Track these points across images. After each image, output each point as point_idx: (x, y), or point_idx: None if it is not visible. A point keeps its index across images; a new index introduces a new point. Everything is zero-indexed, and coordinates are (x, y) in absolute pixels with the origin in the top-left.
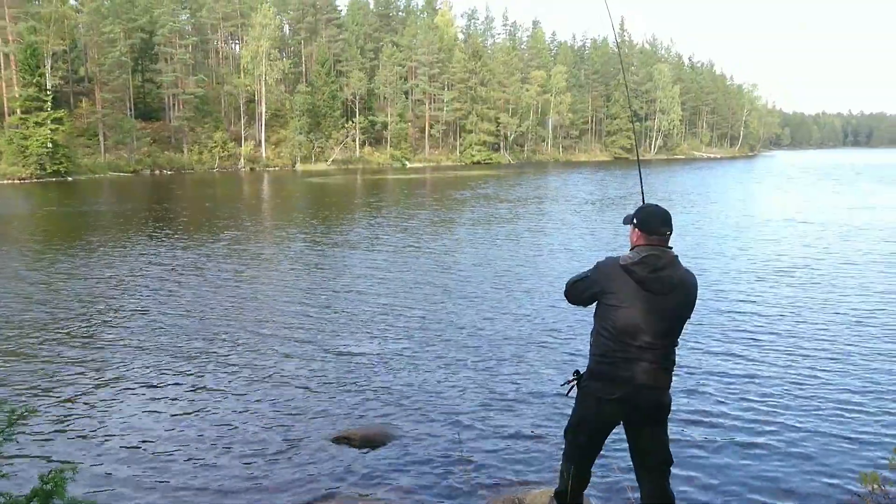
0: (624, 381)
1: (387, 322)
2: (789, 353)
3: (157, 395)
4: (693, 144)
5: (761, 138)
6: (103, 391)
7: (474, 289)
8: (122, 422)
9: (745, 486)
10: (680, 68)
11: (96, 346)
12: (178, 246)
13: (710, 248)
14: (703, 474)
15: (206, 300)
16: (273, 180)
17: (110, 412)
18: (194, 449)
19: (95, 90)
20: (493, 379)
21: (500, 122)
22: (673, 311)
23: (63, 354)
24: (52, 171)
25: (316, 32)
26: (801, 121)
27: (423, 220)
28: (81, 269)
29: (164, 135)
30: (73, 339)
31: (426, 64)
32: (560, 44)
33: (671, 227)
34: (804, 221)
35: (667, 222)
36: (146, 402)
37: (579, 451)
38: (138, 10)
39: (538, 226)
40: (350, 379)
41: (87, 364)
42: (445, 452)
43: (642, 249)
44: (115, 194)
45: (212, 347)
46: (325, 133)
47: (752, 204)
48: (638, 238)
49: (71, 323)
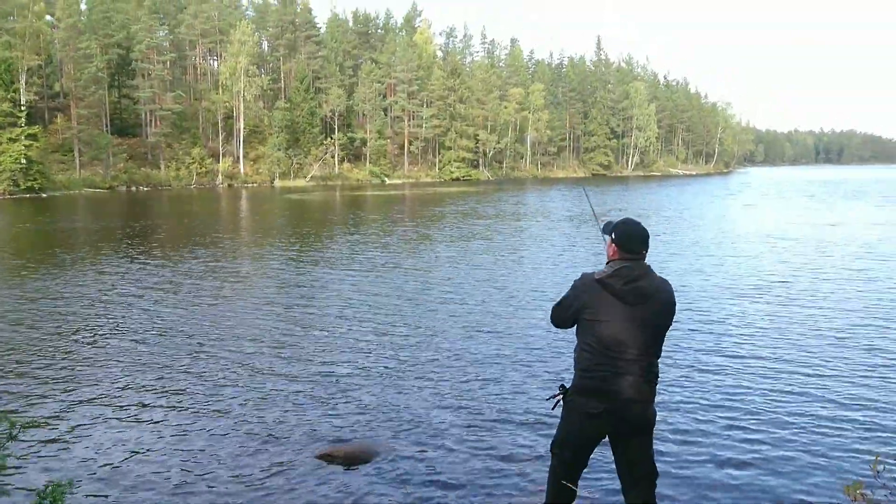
0: (609, 394)
1: (369, 340)
2: (769, 368)
3: (133, 415)
4: (669, 161)
5: (735, 155)
6: (77, 412)
7: (455, 306)
8: (98, 442)
9: (730, 500)
10: (655, 86)
11: (70, 366)
12: (154, 264)
13: (688, 264)
14: (687, 489)
15: (184, 319)
16: (251, 197)
17: (84, 433)
18: (173, 469)
19: (71, 106)
20: (476, 395)
21: (479, 138)
22: (652, 321)
23: (35, 375)
24: (26, 187)
25: (295, 49)
26: (774, 138)
27: (403, 237)
28: (54, 288)
29: (140, 151)
30: (46, 360)
31: (405, 81)
32: (538, 62)
33: (647, 246)
34: (780, 237)
35: (644, 241)
36: (122, 423)
37: (566, 466)
38: (115, 26)
39: (517, 242)
40: (332, 397)
41: (59, 385)
42: (430, 470)
43: (616, 263)
44: (90, 211)
45: (190, 366)
46: (303, 149)
47: (728, 220)
48: (614, 252)
49: (43, 343)
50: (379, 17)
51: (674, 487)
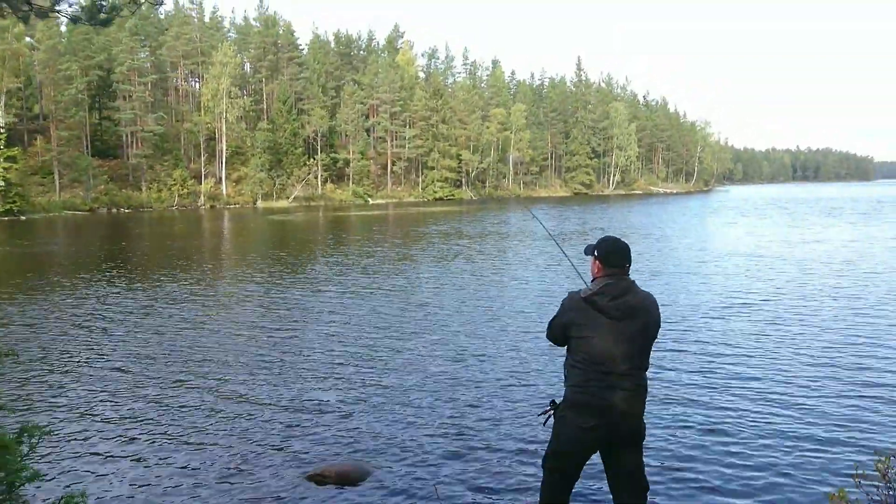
0: (599, 408)
1: (354, 362)
2: (752, 385)
3: (117, 440)
4: (650, 180)
5: (715, 173)
6: (56, 437)
7: (440, 326)
8: (74, 472)
9: None
10: (635, 106)
11: (47, 391)
12: (133, 288)
13: (670, 283)
14: (676, 500)
15: (167, 342)
16: (234, 218)
17: (63, 458)
18: (159, 493)
19: (51, 127)
20: (464, 414)
21: (462, 158)
22: (638, 335)
23: (10, 400)
24: (5, 210)
25: (277, 70)
26: (752, 156)
27: (386, 258)
28: (33, 312)
29: (121, 172)
30: (23, 385)
31: (387, 102)
32: (519, 82)
33: (630, 260)
34: (761, 255)
35: (626, 256)
36: (104, 448)
37: (557, 480)
38: (96, 48)
39: (500, 262)
40: (319, 419)
41: (37, 411)
42: (422, 488)
43: (601, 280)
44: (69, 234)
45: (174, 390)
46: (286, 170)
47: (709, 238)
48: (599, 270)
49: (20, 368)
50: (361, 39)
51: (664, 498)
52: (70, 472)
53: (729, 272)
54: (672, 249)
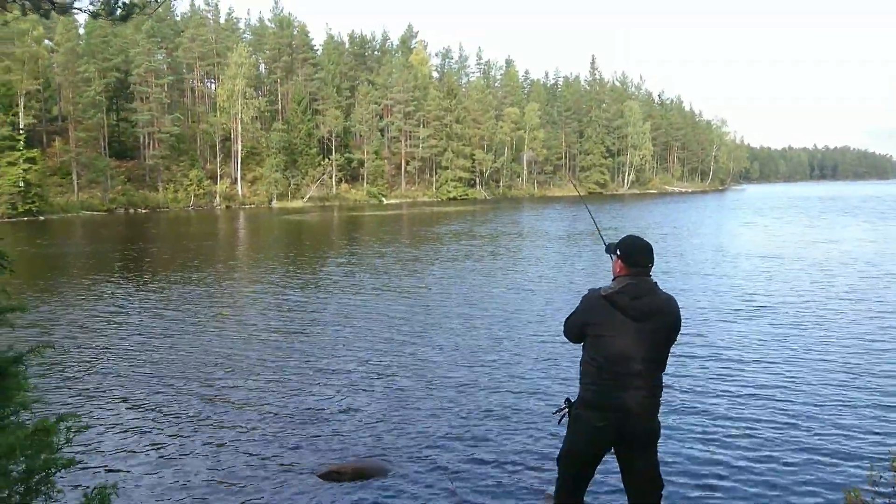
0: (614, 407)
1: (373, 361)
2: (768, 386)
3: (136, 434)
4: (665, 179)
5: (731, 172)
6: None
7: (458, 325)
8: (100, 461)
9: None
10: (650, 105)
11: (67, 387)
12: (153, 287)
13: (686, 284)
14: (690, 499)
15: (186, 340)
16: (249, 218)
17: (85, 451)
18: (175, 487)
19: (69, 129)
20: (481, 409)
21: (476, 158)
22: (656, 336)
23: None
24: (24, 210)
25: (292, 71)
26: (769, 155)
27: (402, 257)
28: (53, 310)
29: (138, 173)
30: (43, 382)
31: (401, 102)
32: (533, 81)
33: (653, 260)
34: (778, 256)
35: (649, 254)
36: (125, 442)
37: (571, 478)
38: (113, 50)
39: (516, 261)
40: (338, 416)
41: (56, 407)
42: (437, 485)
43: (623, 279)
44: (88, 234)
45: (193, 386)
46: (301, 170)
47: (726, 238)
48: (621, 269)
49: (43, 364)
50: (375, 39)
51: (677, 495)
52: (94, 465)
53: (745, 273)
54: (687, 249)
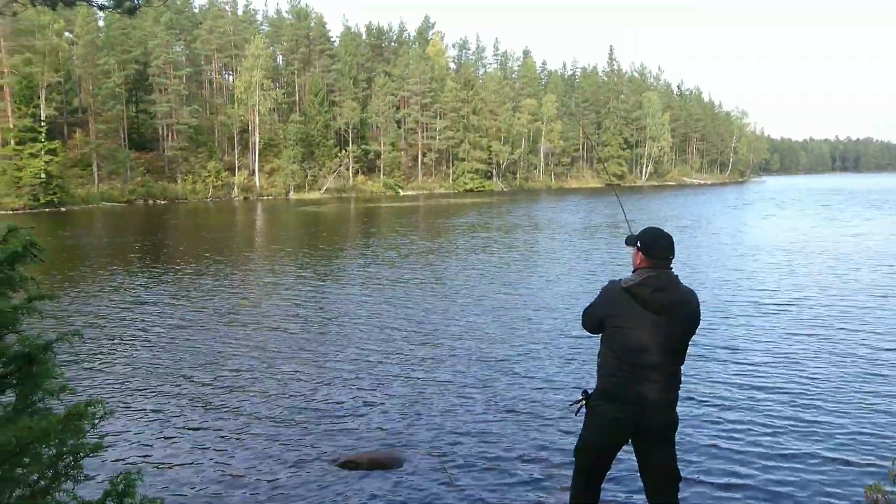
0: (631, 400)
1: (390, 352)
2: (789, 381)
3: (154, 422)
4: (683, 171)
5: (751, 164)
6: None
7: (474, 318)
8: (119, 448)
9: (751, 501)
10: (669, 96)
11: (89, 376)
12: (173, 277)
13: (701, 277)
14: (708, 492)
15: (204, 330)
16: (267, 210)
17: (105, 437)
18: (195, 475)
19: (90, 121)
20: (497, 402)
21: (493, 149)
22: (676, 330)
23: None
24: (46, 201)
25: (309, 63)
26: (790, 147)
27: (419, 249)
28: (76, 300)
29: (157, 165)
30: (64, 369)
31: (418, 93)
32: (550, 72)
33: (673, 252)
34: (800, 250)
35: (670, 246)
36: (144, 430)
37: (589, 470)
38: (132, 42)
39: (533, 253)
40: (355, 406)
41: (79, 394)
42: (455, 476)
43: (644, 271)
44: (108, 225)
45: (212, 376)
46: (318, 162)
47: (746, 231)
48: (641, 261)
49: (67, 353)
50: (392, 31)
51: (697, 487)
52: (114, 452)
53: (765, 267)
54: (705, 242)
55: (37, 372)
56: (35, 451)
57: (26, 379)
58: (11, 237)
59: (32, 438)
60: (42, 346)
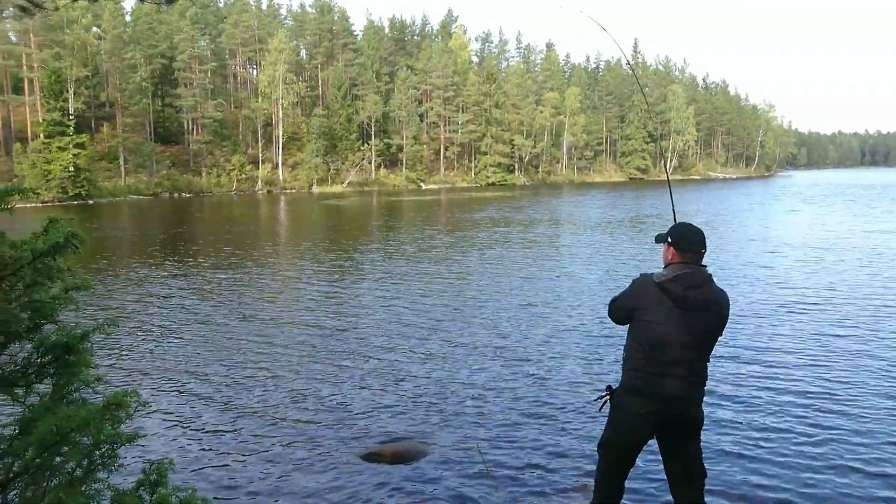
0: (657, 395)
1: (413, 344)
2: (815, 383)
3: (180, 414)
4: (708, 165)
5: (777, 158)
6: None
7: (498, 310)
8: (148, 439)
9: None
10: (694, 89)
11: (113, 367)
12: (200, 270)
13: (725, 275)
14: (736, 490)
15: (229, 322)
16: (290, 203)
17: (135, 428)
18: (220, 466)
19: (116, 115)
20: (522, 396)
21: (515, 143)
22: (705, 328)
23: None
24: (74, 194)
25: (332, 57)
26: (818, 140)
27: (442, 242)
28: (106, 292)
29: (183, 158)
30: (97, 359)
31: (441, 87)
32: (574, 66)
33: (705, 246)
34: (825, 247)
35: (701, 241)
36: (171, 421)
37: (613, 466)
38: (159, 37)
39: (555, 248)
40: (378, 398)
41: (112, 384)
42: (478, 469)
43: (677, 267)
44: (135, 217)
45: (235, 368)
46: (341, 156)
47: (772, 227)
48: (673, 256)
49: (95, 345)
50: (415, 24)
51: (723, 486)
52: (142, 442)
53: (792, 265)
54: (730, 239)
55: (74, 361)
56: (74, 440)
57: (63, 369)
58: (52, 228)
59: (72, 427)
60: (79, 335)
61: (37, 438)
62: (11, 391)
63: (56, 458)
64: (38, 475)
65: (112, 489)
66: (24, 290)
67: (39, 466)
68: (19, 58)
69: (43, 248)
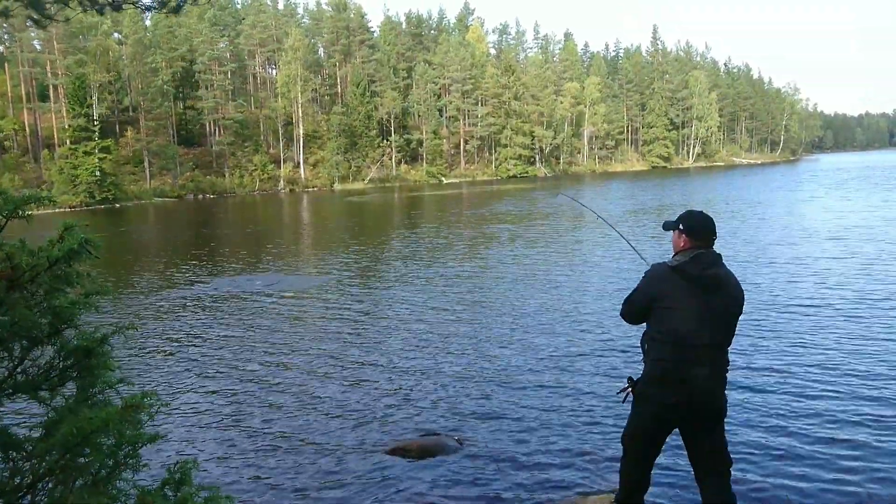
0: (679, 384)
1: (437, 341)
2: (843, 376)
3: (204, 413)
4: (732, 150)
5: (803, 142)
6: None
7: (522, 305)
8: (173, 434)
9: (799, 492)
10: (716, 74)
11: (138, 368)
12: (226, 270)
13: (750, 265)
14: (762, 481)
15: (254, 321)
16: (313, 201)
17: (159, 428)
18: (247, 460)
19: (140, 118)
20: (546, 389)
21: (535, 135)
22: (724, 310)
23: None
24: (101, 198)
25: (350, 54)
26: (844, 122)
27: (466, 237)
28: (133, 292)
29: (206, 160)
30: (119, 361)
31: (459, 80)
32: (593, 54)
33: (715, 233)
34: (855, 236)
35: (712, 228)
36: (194, 422)
37: (638, 457)
38: (179, 40)
39: (578, 241)
40: (404, 394)
41: (134, 386)
42: (504, 463)
43: (689, 251)
44: (161, 219)
45: (263, 365)
46: (361, 152)
47: (797, 214)
48: (685, 243)
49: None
50: (432, 18)
51: (746, 474)
52: (165, 442)
53: (819, 253)
54: (753, 226)
55: (95, 364)
56: (96, 441)
57: (85, 371)
58: (68, 235)
59: (93, 428)
60: (99, 339)
61: (59, 440)
62: (36, 395)
63: (79, 459)
64: (63, 476)
65: (138, 488)
66: (44, 297)
67: (64, 468)
68: (44, 66)
69: (58, 254)
